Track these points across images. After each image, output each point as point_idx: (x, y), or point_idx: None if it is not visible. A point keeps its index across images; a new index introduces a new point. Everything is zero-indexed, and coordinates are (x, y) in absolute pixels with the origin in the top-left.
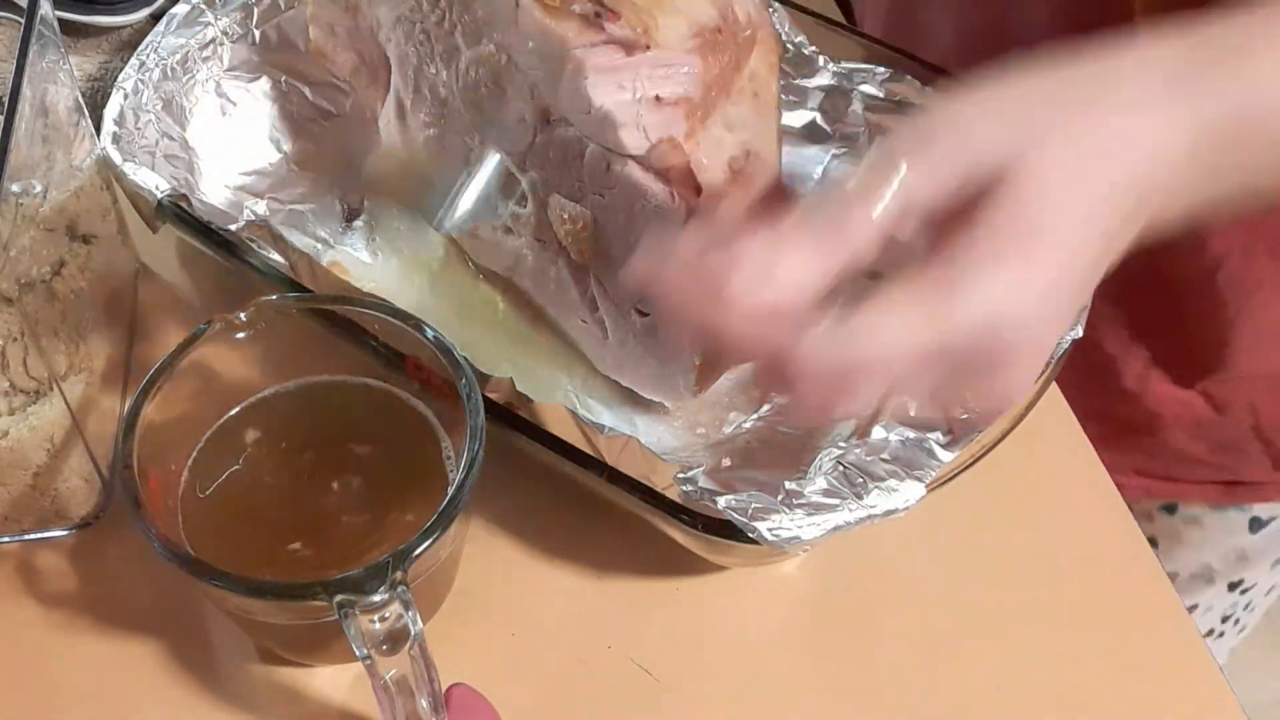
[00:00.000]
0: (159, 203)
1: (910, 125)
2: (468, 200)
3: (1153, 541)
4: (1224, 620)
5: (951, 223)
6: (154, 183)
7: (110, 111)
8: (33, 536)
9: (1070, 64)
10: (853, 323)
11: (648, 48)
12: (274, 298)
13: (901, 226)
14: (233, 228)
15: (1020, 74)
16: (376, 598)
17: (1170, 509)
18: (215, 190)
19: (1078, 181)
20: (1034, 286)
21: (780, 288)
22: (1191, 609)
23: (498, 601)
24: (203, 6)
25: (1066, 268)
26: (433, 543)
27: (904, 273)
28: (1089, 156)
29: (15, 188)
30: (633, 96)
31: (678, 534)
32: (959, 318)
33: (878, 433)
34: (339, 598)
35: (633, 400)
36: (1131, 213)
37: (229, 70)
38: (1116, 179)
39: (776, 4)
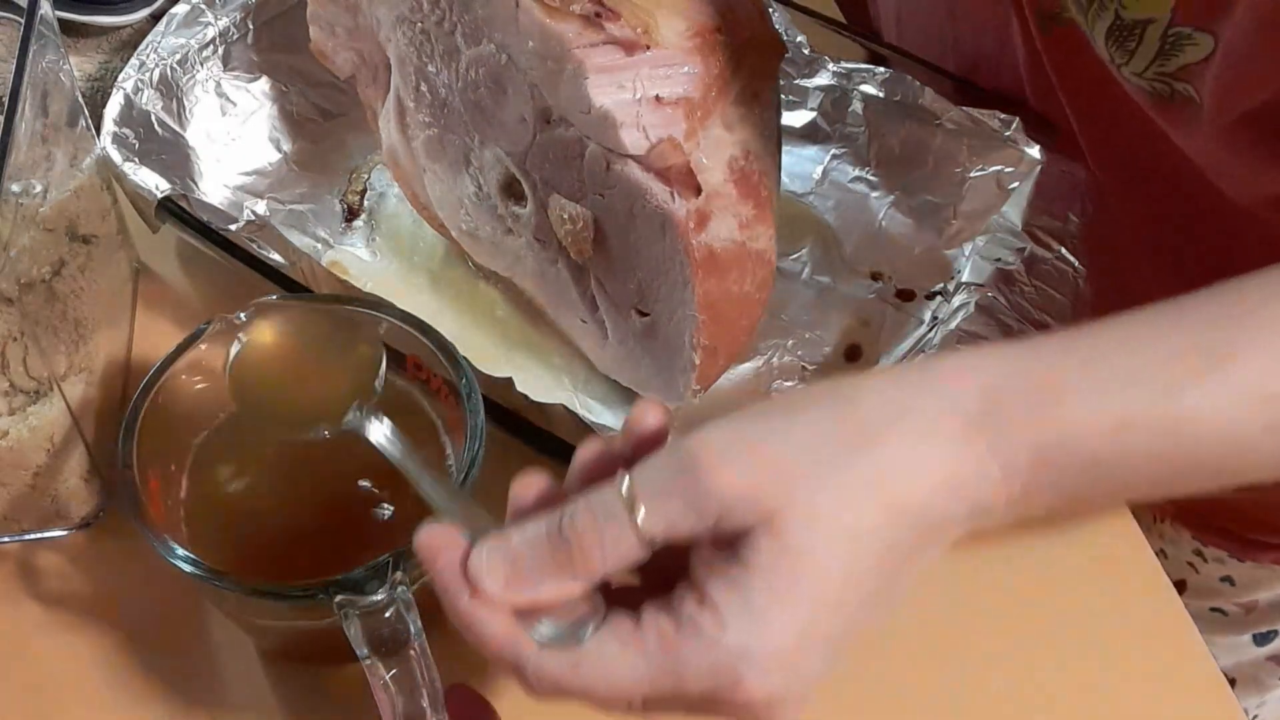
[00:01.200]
0: (159, 203)
1: (655, 465)
2: None
3: (1228, 580)
4: None
5: (714, 548)
6: (154, 183)
7: (110, 111)
8: (33, 536)
9: (851, 401)
10: (583, 653)
11: (648, 48)
12: (274, 298)
13: (643, 555)
14: (233, 228)
15: (790, 411)
16: (376, 598)
17: (1240, 558)
18: (215, 190)
19: (839, 523)
20: (788, 638)
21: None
22: (1270, 634)
23: None
24: (203, 6)
25: (835, 608)
26: None
27: (651, 608)
28: (852, 494)
29: (15, 188)
30: (633, 96)
31: None
32: (688, 676)
33: None
34: (339, 598)
35: (633, 400)
36: (923, 538)
37: (229, 70)
38: (885, 513)
39: (776, 4)
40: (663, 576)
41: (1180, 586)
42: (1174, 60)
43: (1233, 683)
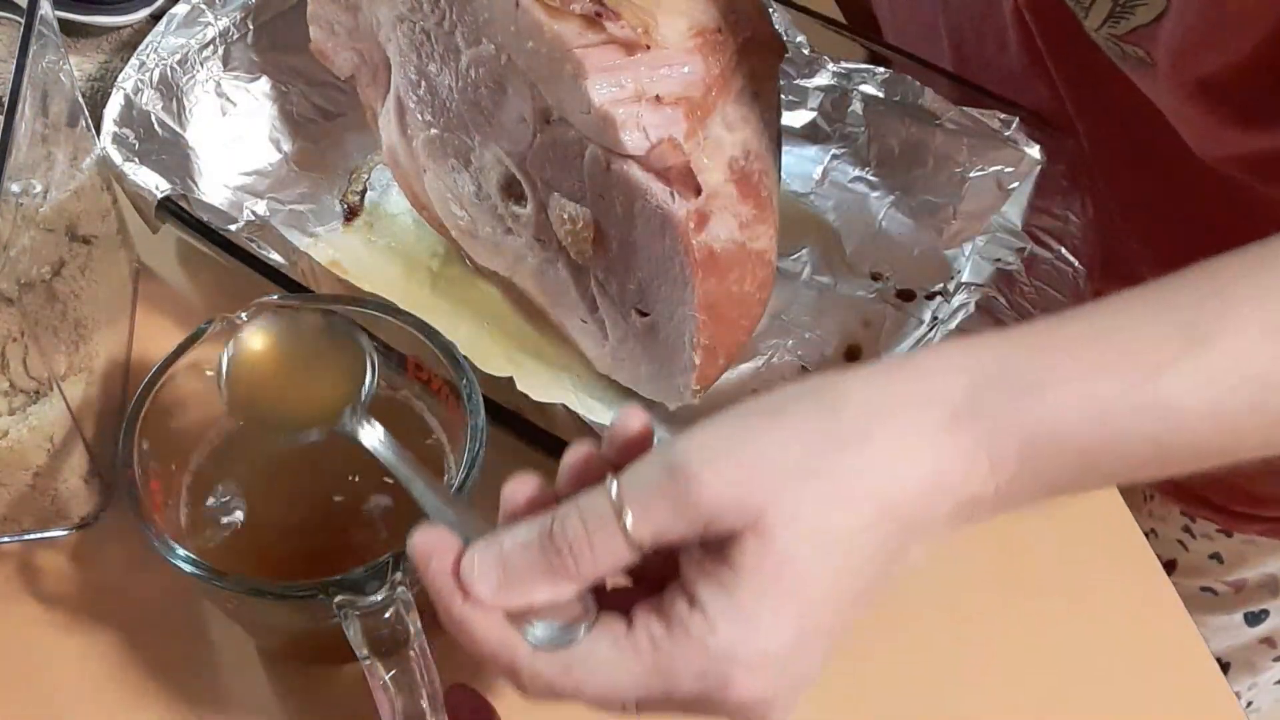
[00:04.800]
0: (159, 203)
1: (641, 471)
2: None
3: (1217, 558)
4: None
5: (704, 550)
6: (154, 183)
7: (110, 111)
8: (33, 536)
9: (837, 399)
10: (575, 655)
11: (648, 48)
12: (274, 298)
13: (632, 559)
14: (233, 228)
15: (775, 413)
16: (376, 598)
17: (1228, 532)
18: (215, 190)
19: (824, 523)
20: (776, 638)
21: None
22: (1262, 614)
23: None
24: (203, 6)
25: (820, 607)
26: None
27: (642, 610)
28: (839, 494)
29: (15, 188)
30: (633, 96)
31: None
32: (679, 678)
33: None
34: (339, 598)
35: (633, 400)
36: (910, 535)
37: (229, 70)
38: (871, 512)
39: (776, 4)
40: (656, 576)
41: (1170, 567)
42: (1124, 23)
43: (1227, 666)
